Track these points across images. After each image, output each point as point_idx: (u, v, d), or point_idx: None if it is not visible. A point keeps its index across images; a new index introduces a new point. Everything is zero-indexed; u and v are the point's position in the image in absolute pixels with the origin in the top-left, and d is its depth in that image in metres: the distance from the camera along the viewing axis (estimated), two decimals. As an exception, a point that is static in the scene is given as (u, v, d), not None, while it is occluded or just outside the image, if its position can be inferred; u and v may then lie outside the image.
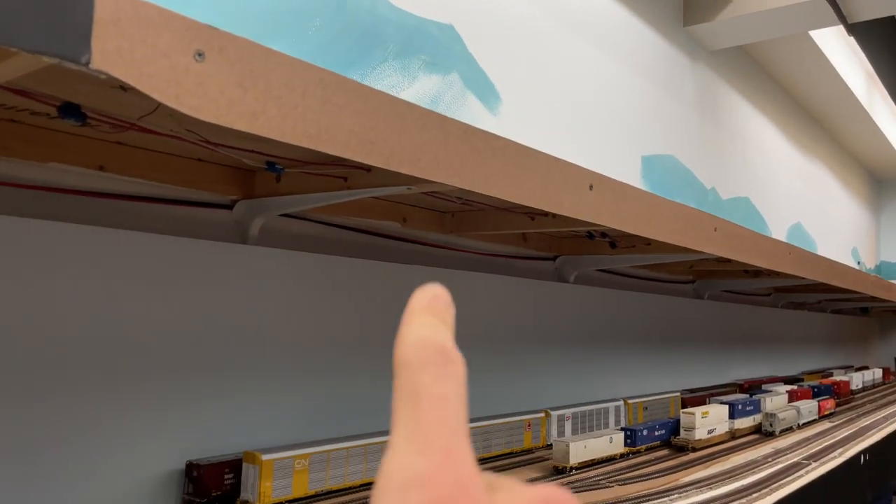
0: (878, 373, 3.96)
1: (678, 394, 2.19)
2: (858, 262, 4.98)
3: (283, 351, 1.19)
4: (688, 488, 1.28)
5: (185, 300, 1.05)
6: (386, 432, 0.91)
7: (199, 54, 0.57)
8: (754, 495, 1.27)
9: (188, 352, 1.06)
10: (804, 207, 3.89)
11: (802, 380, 3.25)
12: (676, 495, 1.23)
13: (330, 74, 0.67)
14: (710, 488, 1.31)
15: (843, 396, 2.95)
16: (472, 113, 1.61)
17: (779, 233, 3.52)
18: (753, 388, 2.79)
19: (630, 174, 2.24)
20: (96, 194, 0.98)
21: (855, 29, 2.69)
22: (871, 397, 3.30)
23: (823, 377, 3.49)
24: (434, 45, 1.52)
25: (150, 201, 1.04)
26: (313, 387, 1.25)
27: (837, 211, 4.57)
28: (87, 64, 0.50)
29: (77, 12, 0.49)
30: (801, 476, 1.46)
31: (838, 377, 3.28)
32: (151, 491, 1.01)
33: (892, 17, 2.80)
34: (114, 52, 0.51)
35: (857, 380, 3.50)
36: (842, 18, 2.52)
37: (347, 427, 1.30)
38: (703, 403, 2.27)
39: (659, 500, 1.18)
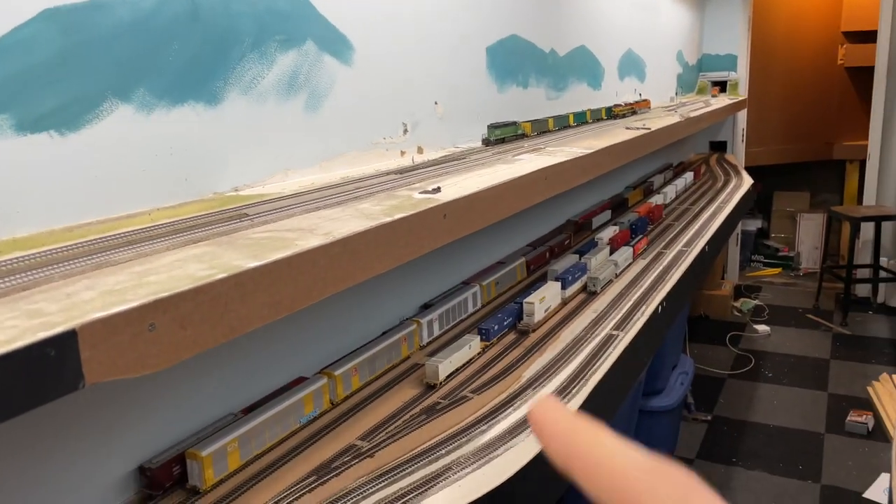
0: (690, 177, 4.61)
1: (523, 259, 2.59)
2: (683, 67, 5.45)
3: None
4: (526, 393, 1.69)
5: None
6: (295, 386, 1.29)
7: (152, 325, 0.74)
8: (573, 390, 1.71)
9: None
10: (635, 32, 4.17)
11: (628, 200, 3.79)
12: (518, 402, 1.64)
13: (242, 275, 0.85)
14: (543, 385, 1.74)
15: (655, 221, 3.52)
16: (330, 74, 1.70)
17: (611, 65, 3.82)
18: (585, 225, 3.27)
19: (477, 71, 2.40)
20: None
21: None
22: (680, 209, 3.92)
23: (645, 191, 4.06)
24: (287, 21, 1.56)
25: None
26: (231, 359, 1.49)
27: (666, 22, 4.89)
28: (84, 386, 0.67)
29: (69, 362, 0.66)
30: (611, 353, 1.93)
31: (655, 197, 3.84)
32: (112, 491, 1.27)
33: None
34: (97, 369, 0.68)
35: (670, 192, 4.10)
36: None
37: (265, 380, 1.58)
38: (544, 261, 2.71)
39: (503, 413, 1.59)
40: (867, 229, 6.13)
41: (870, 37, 6.46)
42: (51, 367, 0.64)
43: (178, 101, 1.32)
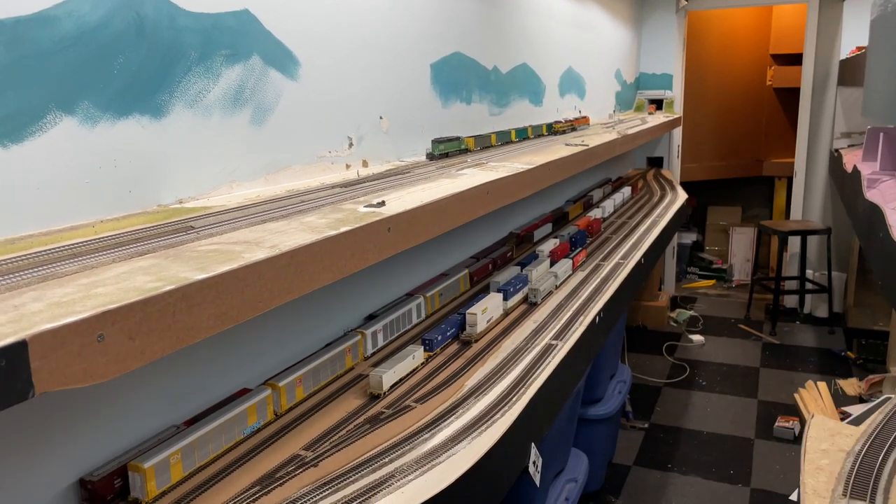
0: (628, 191, 4.76)
1: (466, 271, 2.65)
2: (621, 85, 5.63)
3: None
4: (468, 401, 1.74)
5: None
6: (238, 397, 1.32)
7: (100, 336, 0.76)
8: (514, 398, 1.77)
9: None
10: (574, 52, 4.30)
11: (568, 213, 3.89)
12: (461, 411, 1.69)
13: (188, 287, 0.87)
14: (484, 394, 1.79)
15: (594, 234, 3.63)
16: (276, 88, 1.72)
17: (552, 82, 3.93)
18: (527, 237, 3.35)
19: (422, 86, 2.45)
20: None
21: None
22: (618, 222, 4.05)
23: (585, 205, 4.18)
24: (232, 36, 1.58)
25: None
26: (173, 370, 1.49)
27: (604, 42, 5.05)
28: (33, 395, 0.69)
29: (19, 372, 0.67)
30: (550, 363, 2.00)
31: (594, 211, 3.96)
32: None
33: None
34: (47, 378, 0.70)
35: (609, 206, 4.23)
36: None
37: (208, 392, 1.58)
38: (487, 272, 2.77)
39: (445, 422, 1.63)
40: (794, 243, 6.43)
41: (796, 59, 6.80)
42: (1, 376, 0.66)
43: (122, 114, 1.32)
